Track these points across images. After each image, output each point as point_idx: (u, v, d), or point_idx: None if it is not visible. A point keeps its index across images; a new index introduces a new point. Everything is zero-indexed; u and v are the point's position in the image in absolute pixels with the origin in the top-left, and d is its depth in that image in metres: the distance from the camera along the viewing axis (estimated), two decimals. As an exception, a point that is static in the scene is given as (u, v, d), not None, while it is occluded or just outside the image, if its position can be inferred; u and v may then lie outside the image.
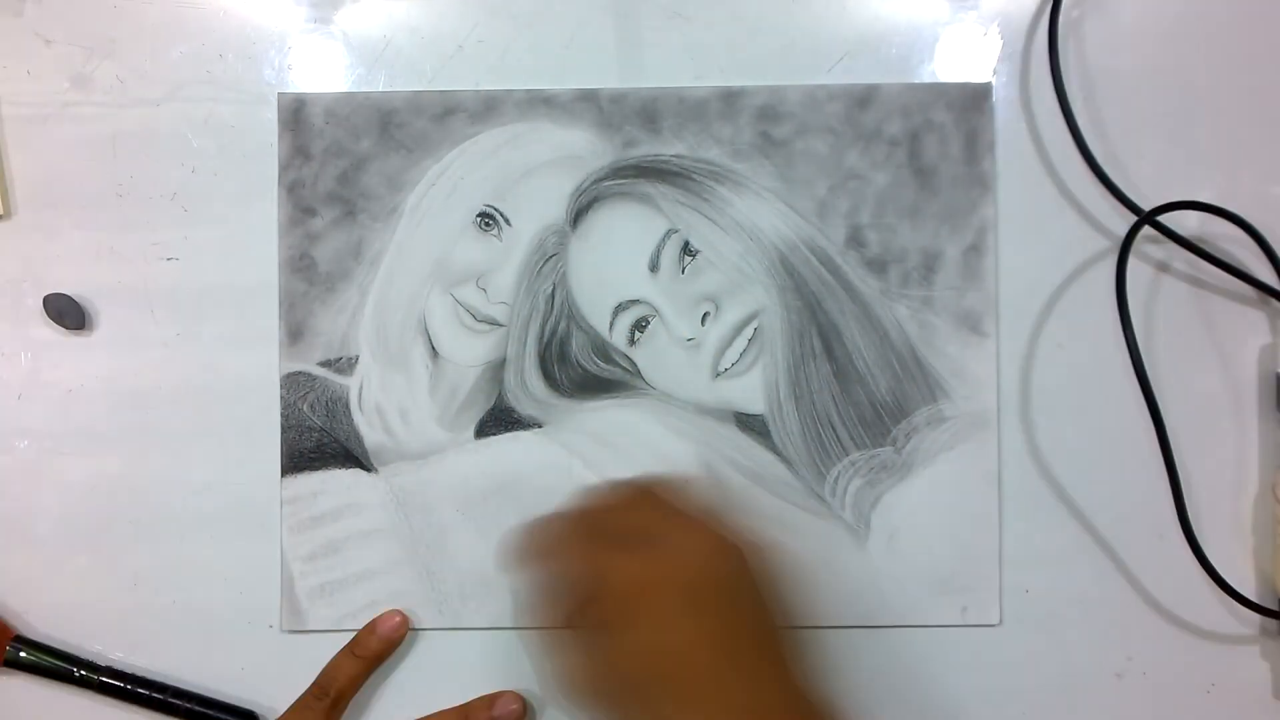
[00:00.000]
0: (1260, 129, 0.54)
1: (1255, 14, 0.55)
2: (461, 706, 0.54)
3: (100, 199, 0.56)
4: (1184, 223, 0.55)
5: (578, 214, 0.55)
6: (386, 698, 0.55)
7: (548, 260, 0.55)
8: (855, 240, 0.55)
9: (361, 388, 0.55)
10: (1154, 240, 0.55)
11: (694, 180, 0.55)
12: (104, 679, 0.53)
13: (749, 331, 0.55)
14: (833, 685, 0.54)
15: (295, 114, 0.55)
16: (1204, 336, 0.55)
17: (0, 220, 0.55)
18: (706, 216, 0.55)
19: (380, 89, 0.56)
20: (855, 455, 0.54)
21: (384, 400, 0.55)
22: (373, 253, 0.55)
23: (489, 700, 0.54)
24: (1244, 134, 0.55)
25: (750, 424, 0.55)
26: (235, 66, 0.56)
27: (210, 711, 0.54)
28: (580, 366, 0.55)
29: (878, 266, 0.55)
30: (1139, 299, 0.55)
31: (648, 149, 0.55)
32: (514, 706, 0.53)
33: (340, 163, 0.55)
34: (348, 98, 0.55)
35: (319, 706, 0.53)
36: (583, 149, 0.55)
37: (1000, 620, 0.54)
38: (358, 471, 0.55)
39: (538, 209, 0.55)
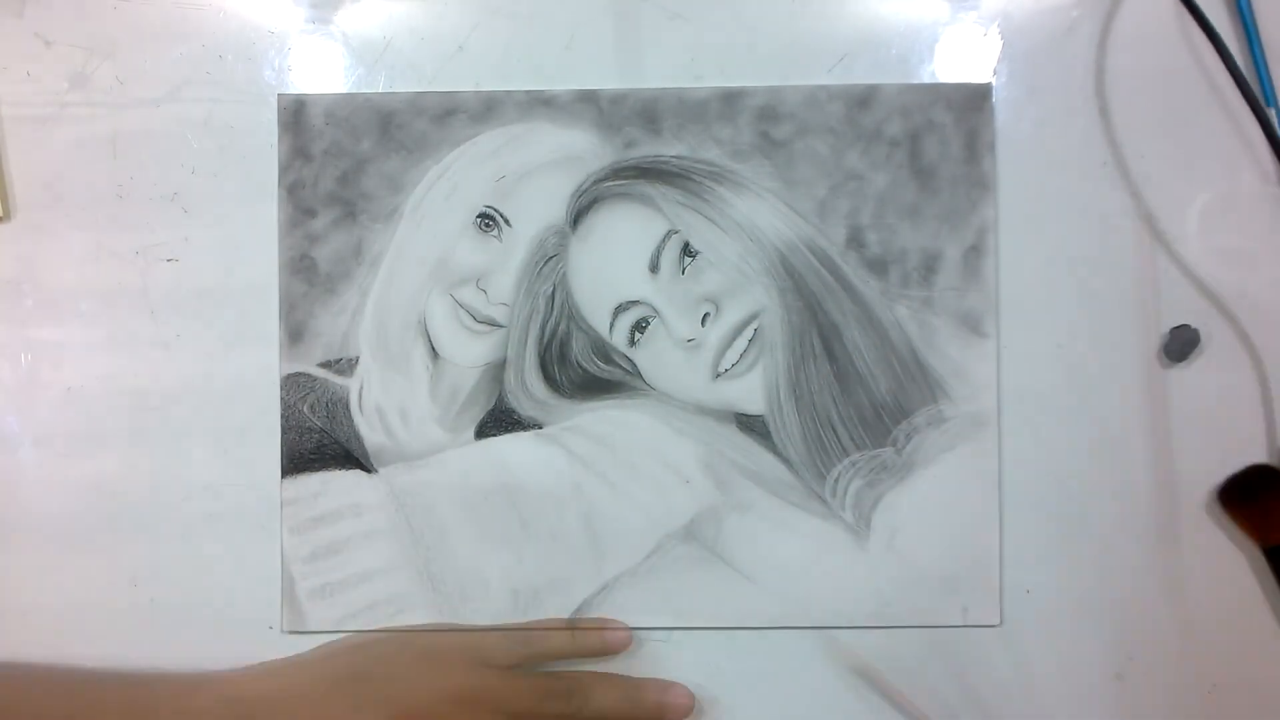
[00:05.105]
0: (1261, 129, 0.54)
1: (1256, 11, 0.55)
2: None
3: (100, 199, 0.56)
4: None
5: (578, 215, 0.55)
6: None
7: (548, 261, 0.55)
8: (855, 240, 0.55)
9: (362, 389, 0.55)
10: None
11: (694, 181, 0.55)
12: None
13: (749, 332, 0.55)
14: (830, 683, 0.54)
15: (295, 115, 0.55)
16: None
17: (0, 221, 0.55)
18: (706, 217, 0.55)
19: (380, 90, 0.56)
20: (855, 456, 0.54)
21: (384, 401, 0.55)
22: (373, 254, 0.55)
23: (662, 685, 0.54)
24: (1245, 133, 0.55)
25: (750, 424, 0.55)
26: (235, 67, 0.56)
27: None
28: (580, 367, 0.55)
29: (878, 267, 0.55)
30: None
31: (648, 149, 0.55)
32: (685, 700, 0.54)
33: (340, 164, 0.55)
34: (348, 98, 0.55)
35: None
36: (583, 149, 0.55)
37: (1000, 620, 0.54)
38: (358, 472, 0.55)
39: (538, 210, 0.55)
